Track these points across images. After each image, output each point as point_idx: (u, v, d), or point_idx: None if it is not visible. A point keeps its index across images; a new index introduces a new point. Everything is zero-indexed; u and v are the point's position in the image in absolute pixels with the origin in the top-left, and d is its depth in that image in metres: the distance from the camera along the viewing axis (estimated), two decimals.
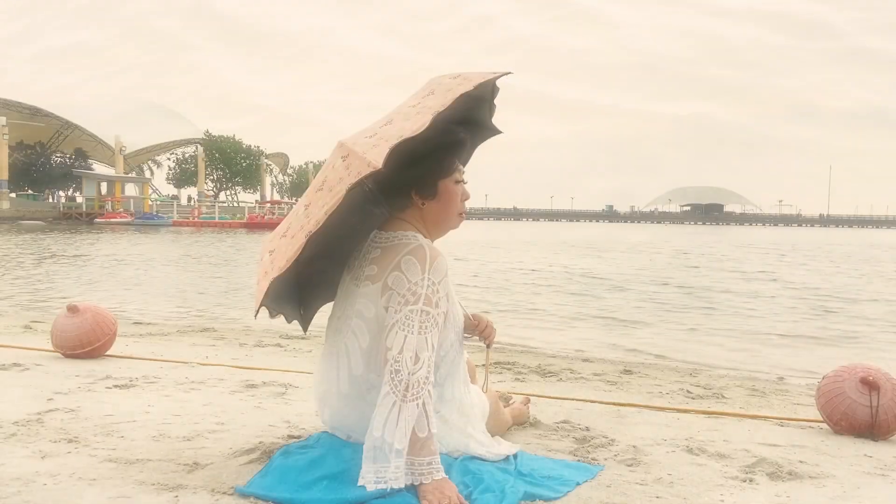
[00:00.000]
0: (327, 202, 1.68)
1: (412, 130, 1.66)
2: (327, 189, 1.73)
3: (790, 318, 8.50)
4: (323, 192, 1.74)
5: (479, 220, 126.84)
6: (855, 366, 2.79)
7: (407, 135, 1.65)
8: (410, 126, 1.68)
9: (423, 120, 1.68)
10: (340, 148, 1.79)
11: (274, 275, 1.73)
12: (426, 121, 1.67)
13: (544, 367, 4.51)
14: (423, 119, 1.68)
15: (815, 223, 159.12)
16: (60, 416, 2.52)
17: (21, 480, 1.81)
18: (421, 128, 1.66)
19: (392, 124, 1.77)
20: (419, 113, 1.73)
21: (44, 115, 61.85)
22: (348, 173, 1.68)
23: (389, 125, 1.77)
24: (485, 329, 2.15)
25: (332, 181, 1.72)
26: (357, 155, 1.69)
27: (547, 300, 9.90)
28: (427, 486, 1.69)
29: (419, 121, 1.68)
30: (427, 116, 1.68)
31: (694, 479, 2.04)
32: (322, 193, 1.74)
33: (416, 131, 1.66)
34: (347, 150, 1.74)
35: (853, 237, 56.96)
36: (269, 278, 1.76)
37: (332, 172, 1.75)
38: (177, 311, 8.32)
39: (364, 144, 1.72)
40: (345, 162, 1.72)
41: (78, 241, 25.97)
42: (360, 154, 1.68)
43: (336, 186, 1.69)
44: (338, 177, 1.71)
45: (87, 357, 3.77)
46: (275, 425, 2.49)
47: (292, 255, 1.69)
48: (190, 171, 75.21)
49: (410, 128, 1.67)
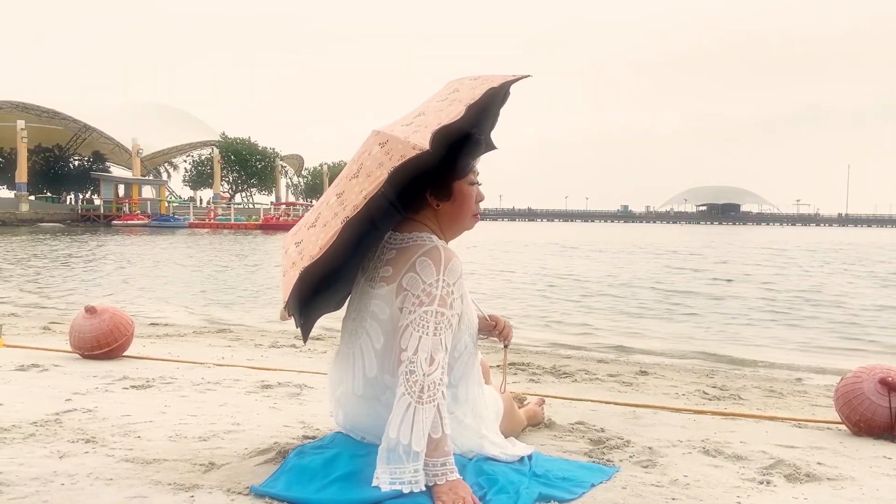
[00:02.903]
0: (365, 187, 1.67)
1: (449, 118, 1.67)
2: (364, 175, 1.72)
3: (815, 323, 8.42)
4: (359, 178, 1.73)
5: (494, 221, 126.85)
6: (874, 367, 2.76)
7: (446, 121, 1.66)
8: (446, 115, 1.69)
9: (458, 109, 1.68)
10: (377, 136, 1.78)
11: (304, 264, 1.71)
12: (461, 110, 1.68)
13: (559, 368, 4.50)
14: (457, 109, 1.69)
15: (833, 223, 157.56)
16: (78, 416, 2.55)
17: (39, 480, 1.83)
18: (457, 116, 1.66)
19: (426, 115, 1.77)
20: (451, 105, 1.74)
21: (62, 118, 62.50)
22: (389, 157, 1.67)
23: (423, 116, 1.77)
24: (503, 329, 2.17)
25: (371, 167, 1.71)
26: (398, 140, 1.68)
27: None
28: (441, 487, 1.68)
29: (454, 110, 1.69)
30: (460, 107, 1.69)
31: (710, 480, 2.02)
32: (358, 180, 1.73)
33: (454, 118, 1.66)
34: (386, 136, 1.73)
35: (870, 237, 56.34)
36: (297, 269, 1.73)
37: (370, 159, 1.74)
38: (193, 311, 8.38)
39: (403, 131, 1.72)
40: (384, 148, 1.71)
41: (96, 242, 26.23)
42: (402, 138, 1.67)
43: (375, 171, 1.68)
44: (377, 162, 1.70)
45: (105, 358, 3.80)
46: (290, 426, 2.50)
47: (326, 242, 1.68)
48: (206, 173, 75.74)
49: (447, 116, 1.68)
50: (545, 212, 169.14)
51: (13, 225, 46.85)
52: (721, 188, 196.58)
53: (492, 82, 1.79)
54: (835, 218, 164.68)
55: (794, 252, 26.86)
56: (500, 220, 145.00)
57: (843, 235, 60.55)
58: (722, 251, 26.68)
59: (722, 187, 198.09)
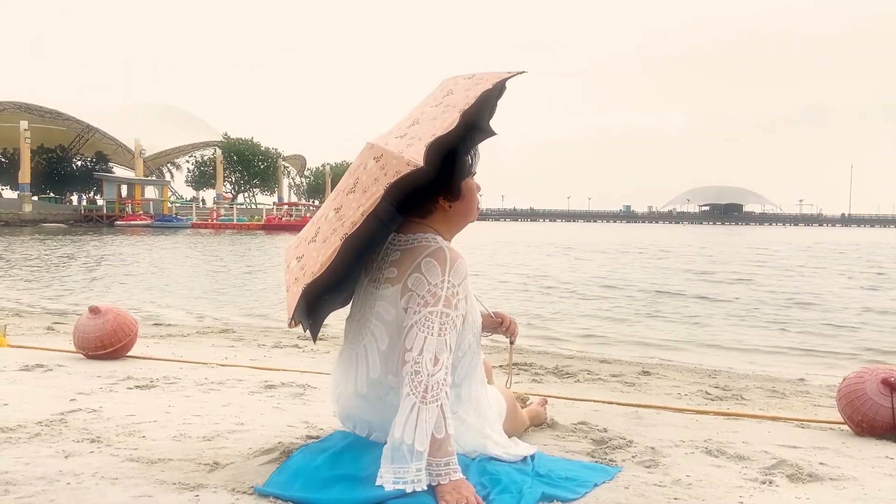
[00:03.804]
0: (363, 203, 1.68)
1: (443, 128, 1.66)
2: (360, 190, 1.72)
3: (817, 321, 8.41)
4: (356, 193, 1.73)
5: (496, 221, 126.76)
6: (876, 367, 2.76)
7: (439, 133, 1.65)
8: (440, 124, 1.68)
9: (452, 117, 1.68)
10: (371, 149, 1.78)
11: (307, 280, 1.73)
12: (455, 118, 1.67)
13: (561, 369, 4.50)
14: (451, 117, 1.68)
15: (836, 223, 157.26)
16: (83, 416, 2.56)
17: (45, 479, 1.84)
18: (451, 125, 1.66)
19: (420, 124, 1.76)
20: (445, 111, 1.73)
21: (65, 118, 62.62)
22: (384, 173, 1.67)
23: (417, 125, 1.77)
24: (509, 326, 2.19)
25: (366, 182, 1.71)
26: (393, 154, 1.68)
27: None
28: (444, 487, 1.69)
29: (448, 118, 1.68)
30: (454, 114, 1.68)
31: (713, 480, 2.02)
32: (355, 195, 1.73)
33: (448, 129, 1.66)
34: (380, 150, 1.73)
35: (872, 237, 56.23)
36: (300, 285, 1.75)
37: (365, 174, 1.74)
38: (196, 312, 8.39)
39: (397, 144, 1.71)
40: (378, 163, 1.71)
41: (99, 243, 26.26)
42: (397, 153, 1.67)
43: (371, 187, 1.68)
44: (372, 178, 1.70)
45: (109, 358, 3.82)
46: (293, 425, 2.51)
47: (326, 260, 1.69)
48: (208, 173, 75.83)
49: (440, 126, 1.67)
50: (547, 212, 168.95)
51: (16, 225, 46.95)
52: (724, 188, 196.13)
53: (486, 83, 1.78)
54: (838, 218, 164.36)
55: (795, 252, 26.83)
56: (502, 220, 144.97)
57: (846, 236, 60.41)
58: (729, 252, 26.64)
59: (724, 187, 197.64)
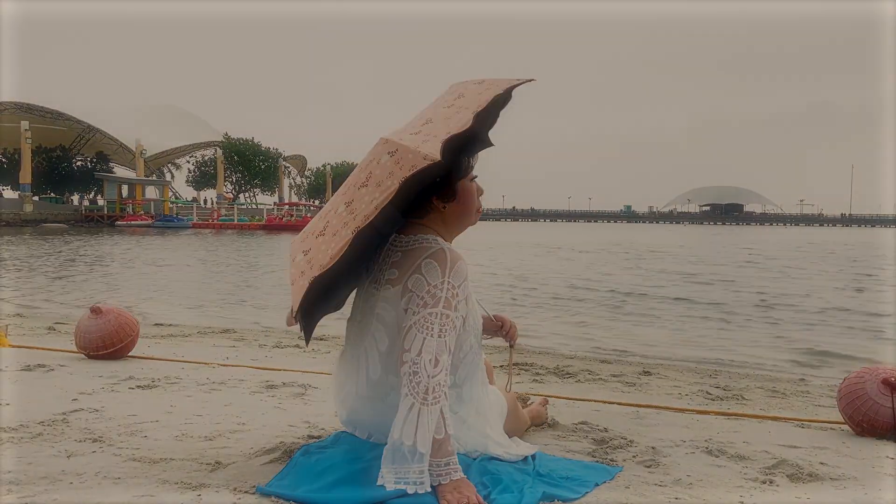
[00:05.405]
0: (376, 197, 1.68)
1: (458, 127, 1.67)
2: (374, 184, 1.72)
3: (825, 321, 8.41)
4: (369, 187, 1.73)
5: (497, 221, 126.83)
6: (877, 367, 2.76)
7: (455, 130, 1.66)
8: (454, 123, 1.69)
9: (466, 118, 1.69)
10: (386, 144, 1.77)
11: (314, 273, 1.72)
12: (469, 118, 1.68)
13: (562, 368, 4.51)
14: (465, 117, 1.69)
15: (836, 223, 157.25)
16: (85, 416, 2.56)
17: (48, 479, 1.84)
18: (466, 125, 1.67)
19: (434, 123, 1.77)
20: (458, 112, 1.74)
21: (66, 118, 62.66)
22: (399, 167, 1.67)
23: (431, 124, 1.77)
24: (509, 329, 2.20)
25: (380, 176, 1.71)
26: (409, 149, 1.68)
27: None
28: (445, 486, 1.69)
29: (462, 118, 1.69)
30: (468, 115, 1.69)
31: (713, 480, 2.03)
32: (368, 189, 1.72)
33: (462, 128, 1.67)
34: (395, 145, 1.73)
35: (872, 237, 56.21)
36: (307, 278, 1.74)
37: (379, 168, 1.73)
38: (197, 312, 8.40)
39: (412, 140, 1.72)
40: (393, 157, 1.71)
41: (99, 243, 26.28)
42: (413, 148, 1.67)
43: (386, 181, 1.68)
44: (387, 172, 1.70)
45: (111, 358, 3.82)
46: (295, 425, 2.52)
47: (337, 253, 1.68)
48: (209, 173, 75.84)
49: (455, 125, 1.68)
50: (548, 212, 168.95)
51: (17, 225, 47.00)
52: (724, 188, 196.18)
53: (497, 88, 1.79)
54: (838, 218, 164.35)
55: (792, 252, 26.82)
56: (502, 220, 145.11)
57: (846, 236, 60.36)
58: (732, 252, 26.65)
59: (725, 187, 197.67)
